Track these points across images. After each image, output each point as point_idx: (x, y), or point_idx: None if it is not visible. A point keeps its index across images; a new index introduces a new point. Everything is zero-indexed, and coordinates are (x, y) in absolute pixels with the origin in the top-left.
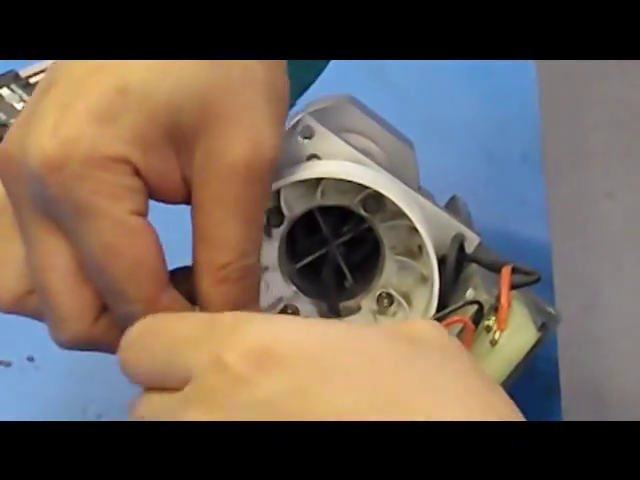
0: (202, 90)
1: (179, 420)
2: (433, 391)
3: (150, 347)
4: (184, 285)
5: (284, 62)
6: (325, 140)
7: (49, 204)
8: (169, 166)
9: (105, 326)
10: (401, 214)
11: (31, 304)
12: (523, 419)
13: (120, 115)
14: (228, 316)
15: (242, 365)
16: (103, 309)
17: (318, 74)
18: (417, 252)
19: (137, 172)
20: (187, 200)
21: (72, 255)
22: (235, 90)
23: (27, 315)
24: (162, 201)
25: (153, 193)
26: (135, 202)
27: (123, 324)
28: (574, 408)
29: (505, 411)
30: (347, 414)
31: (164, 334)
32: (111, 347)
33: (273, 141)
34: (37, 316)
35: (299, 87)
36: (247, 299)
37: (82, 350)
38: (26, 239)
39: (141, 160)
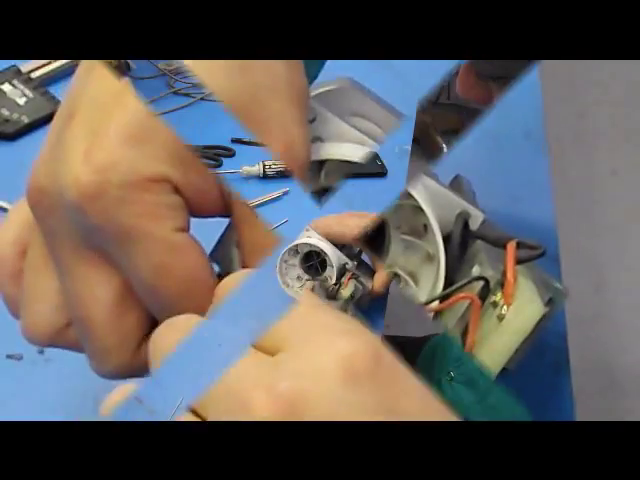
0: (231, 101)
1: None
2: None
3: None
4: None
5: (301, 62)
6: (328, 123)
7: (90, 233)
8: (206, 180)
9: (147, 354)
10: (405, 194)
11: (70, 336)
12: None
13: (153, 135)
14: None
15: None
16: (144, 337)
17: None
18: (422, 231)
19: (176, 189)
20: (225, 213)
21: (112, 285)
22: (262, 96)
23: (66, 347)
24: (200, 216)
25: (192, 208)
26: (178, 219)
27: None
28: (584, 385)
29: None
30: None
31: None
32: None
33: (303, 139)
34: (76, 348)
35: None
36: None
37: (124, 379)
38: (63, 272)
39: (179, 177)
